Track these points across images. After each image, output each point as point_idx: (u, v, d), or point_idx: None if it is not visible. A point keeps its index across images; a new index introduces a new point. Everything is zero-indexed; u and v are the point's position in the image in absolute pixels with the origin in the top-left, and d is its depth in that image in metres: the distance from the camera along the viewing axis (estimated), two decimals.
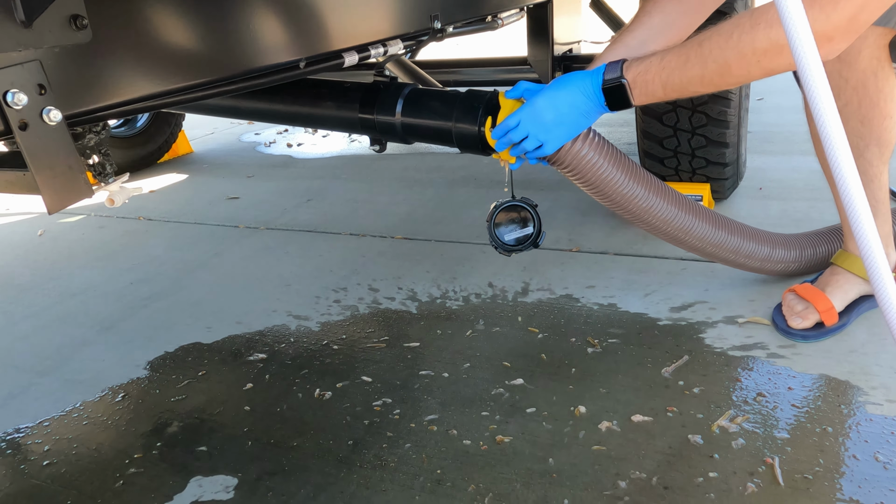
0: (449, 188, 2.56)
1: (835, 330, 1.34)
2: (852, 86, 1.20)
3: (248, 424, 1.29)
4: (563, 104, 1.11)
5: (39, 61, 0.59)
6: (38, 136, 0.59)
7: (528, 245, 1.34)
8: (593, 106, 1.12)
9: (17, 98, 0.56)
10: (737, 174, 2.03)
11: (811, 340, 1.34)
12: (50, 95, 0.60)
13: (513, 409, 1.25)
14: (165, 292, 1.91)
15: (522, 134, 1.14)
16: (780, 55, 0.92)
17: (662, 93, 1.06)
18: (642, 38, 1.19)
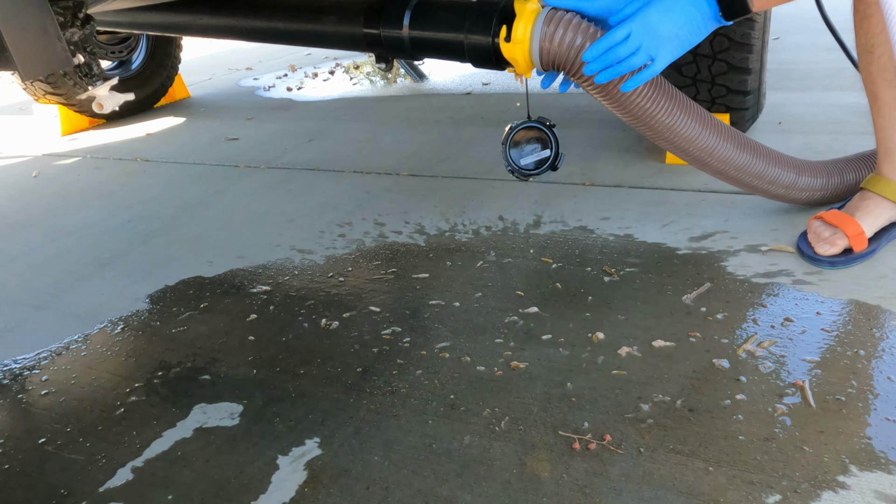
0: (455, 127, 2.48)
1: (864, 256, 1.28)
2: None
3: (253, 354, 1.24)
4: (679, 14, 1.03)
5: None
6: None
7: (546, 168, 1.27)
8: (708, 17, 1.04)
9: None
10: (757, 105, 1.95)
11: (839, 267, 1.27)
12: None
13: (527, 337, 1.20)
14: (164, 229, 1.85)
15: (633, 48, 1.03)
16: None
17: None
18: None
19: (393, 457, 0.96)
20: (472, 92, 2.95)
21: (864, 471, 0.84)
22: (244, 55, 4.94)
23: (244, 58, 4.78)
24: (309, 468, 0.96)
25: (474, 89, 2.99)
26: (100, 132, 2.97)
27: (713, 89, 1.80)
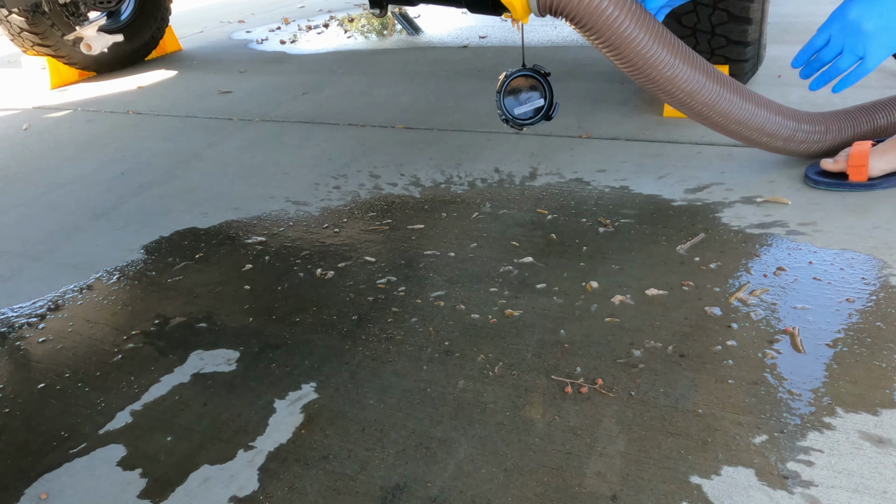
0: (451, 81, 2.44)
1: (858, 187, 1.33)
2: None
3: (249, 302, 1.25)
4: (884, 5, 0.99)
5: None
6: None
7: (541, 117, 1.26)
8: None
9: None
10: (757, 56, 1.92)
11: (822, 187, 1.36)
12: None
13: (522, 286, 1.20)
14: (158, 181, 1.84)
15: (835, 51, 1.02)
16: None
17: None
18: None
19: (388, 400, 0.97)
20: (469, 45, 2.91)
21: (850, 412, 0.86)
22: (236, 7, 4.83)
23: (236, 10, 4.68)
24: (305, 411, 0.97)
25: (471, 42, 2.94)
26: (90, 85, 2.92)
27: (713, 39, 1.77)
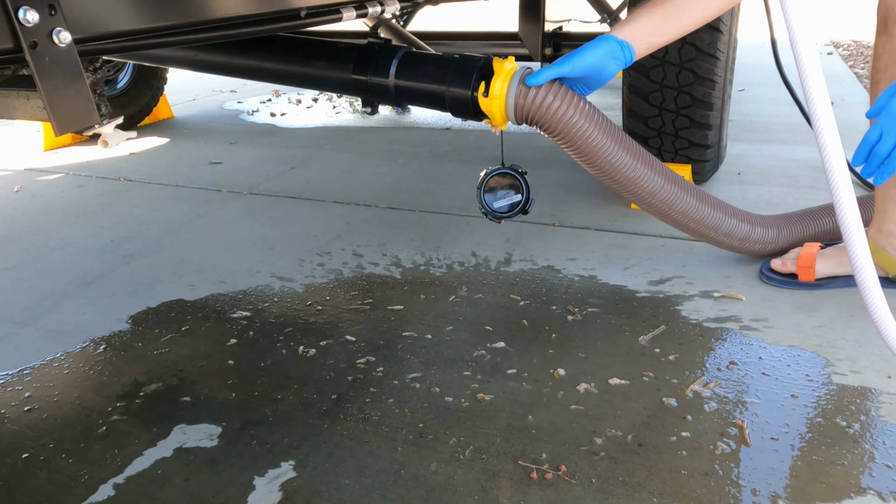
0: (434, 162, 2.57)
1: (804, 286, 1.45)
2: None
3: (232, 378, 1.30)
4: None
5: None
6: (47, 56, 0.59)
7: (518, 212, 1.36)
8: None
9: (28, 15, 0.57)
10: (717, 157, 2.08)
11: (781, 285, 1.48)
12: (59, 17, 0.60)
13: (494, 370, 1.28)
14: (147, 250, 1.90)
15: (891, 145, 0.99)
16: None
17: None
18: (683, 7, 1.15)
19: (364, 481, 1.02)
20: (452, 127, 3.06)
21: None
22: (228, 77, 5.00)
23: (228, 80, 4.85)
24: (284, 490, 1.02)
25: (454, 124, 3.10)
26: (83, 149, 3.00)
27: (676, 141, 1.92)
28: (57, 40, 0.59)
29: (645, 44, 1.15)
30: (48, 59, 0.59)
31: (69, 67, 0.61)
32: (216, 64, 1.52)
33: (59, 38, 0.59)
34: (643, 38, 1.14)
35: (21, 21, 0.56)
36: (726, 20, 1.79)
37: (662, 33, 1.16)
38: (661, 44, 1.18)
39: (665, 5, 1.15)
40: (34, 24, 0.57)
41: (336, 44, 1.40)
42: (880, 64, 1.29)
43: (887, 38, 1.26)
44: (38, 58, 0.58)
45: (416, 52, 1.36)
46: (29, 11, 0.56)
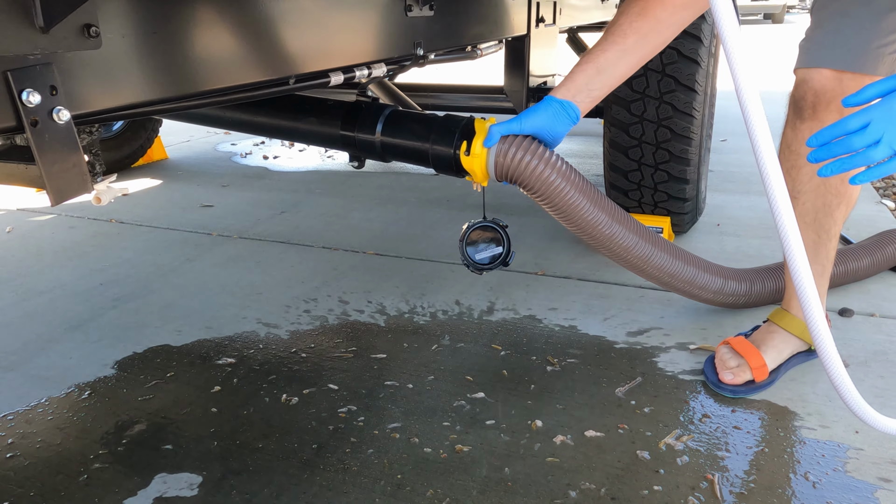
0: (422, 208, 2.63)
1: (764, 386, 1.36)
2: None
3: (215, 425, 1.32)
4: None
5: (53, 64, 0.64)
6: (46, 133, 0.63)
7: (498, 264, 1.40)
8: None
9: (31, 97, 0.61)
10: (696, 210, 2.14)
11: (739, 395, 1.35)
12: (60, 96, 0.64)
13: (473, 421, 1.30)
14: (135, 294, 1.92)
15: (871, 139, 0.88)
16: None
17: None
18: (614, 59, 1.21)
19: None
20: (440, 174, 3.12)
21: None
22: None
23: None
24: None
25: None
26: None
27: (655, 195, 1.98)
28: (57, 118, 0.64)
29: (586, 98, 1.20)
30: (47, 136, 0.63)
31: (67, 142, 0.65)
32: (209, 117, 1.57)
33: (59, 116, 0.64)
34: (583, 94, 1.19)
35: (24, 102, 0.61)
36: (701, 81, 1.87)
37: (599, 86, 1.20)
38: (601, 96, 1.22)
39: (597, 59, 1.20)
40: (36, 104, 0.62)
41: (325, 101, 1.45)
42: (805, 150, 1.22)
43: (816, 124, 1.22)
44: (38, 135, 0.62)
45: (402, 111, 1.41)
46: (32, 94, 0.61)
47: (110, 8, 0.70)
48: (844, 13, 1.20)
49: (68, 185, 0.66)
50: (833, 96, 1.20)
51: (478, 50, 1.80)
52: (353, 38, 1.17)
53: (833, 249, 1.36)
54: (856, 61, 1.17)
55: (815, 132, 1.14)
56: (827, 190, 1.28)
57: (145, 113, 0.86)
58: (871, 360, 1.46)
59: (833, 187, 1.28)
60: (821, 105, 1.22)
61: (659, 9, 1.18)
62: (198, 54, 0.82)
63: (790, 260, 0.93)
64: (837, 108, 1.20)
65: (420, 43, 1.35)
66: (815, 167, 1.24)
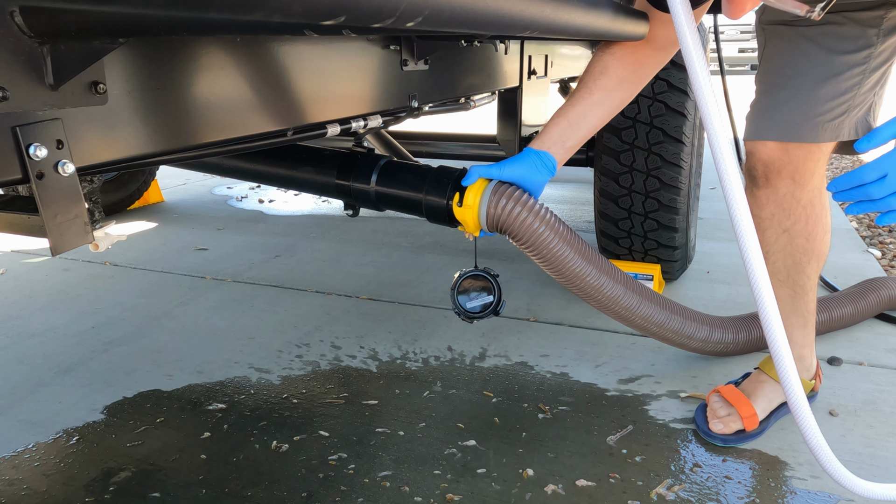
0: (416, 253, 2.65)
1: (755, 435, 1.36)
2: (803, 205, 1.28)
3: (204, 473, 1.31)
4: None
5: (61, 120, 0.66)
6: (51, 186, 0.65)
7: (489, 313, 1.41)
8: None
9: (38, 151, 0.63)
10: (686, 257, 2.17)
11: (730, 444, 1.35)
12: (66, 150, 0.67)
13: (464, 469, 1.29)
14: (127, 338, 1.92)
15: (891, 189, 0.91)
16: None
17: None
18: (583, 112, 1.26)
19: None
20: None
21: None
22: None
23: None
24: None
25: None
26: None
27: (645, 242, 2.01)
28: (61, 171, 0.66)
29: (561, 150, 1.24)
30: (52, 188, 0.65)
31: (70, 194, 0.67)
32: (208, 165, 1.60)
33: (64, 169, 0.66)
34: (558, 145, 1.24)
35: (31, 156, 0.63)
36: (689, 132, 1.92)
37: (572, 137, 1.25)
38: (575, 146, 1.26)
39: (568, 114, 1.25)
40: (42, 158, 0.64)
41: (321, 150, 1.49)
42: (765, 213, 1.31)
43: (771, 191, 1.29)
44: (42, 187, 0.64)
45: (397, 162, 1.45)
46: (39, 148, 0.63)
47: (116, 66, 0.73)
48: (782, 85, 1.24)
49: (70, 235, 0.68)
50: (781, 165, 1.25)
51: (471, 101, 1.85)
52: (350, 91, 1.21)
53: (812, 301, 1.38)
54: (797, 132, 1.22)
55: (771, 199, 1.29)
56: (794, 249, 1.32)
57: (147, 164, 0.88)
58: (860, 409, 1.46)
59: (799, 246, 1.31)
60: (772, 174, 1.27)
61: (619, 68, 1.23)
62: (199, 109, 0.85)
63: (764, 321, 0.96)
64: (788, 176, 1.26)
65: (415, 95, 1.39)
66: (780, 228, 1.31)
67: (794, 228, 1.30)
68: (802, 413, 0.96)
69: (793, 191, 1.27)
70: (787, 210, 1.29)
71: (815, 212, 1.29)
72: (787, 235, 1.32)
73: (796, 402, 0.97)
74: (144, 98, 0.77)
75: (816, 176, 1.27)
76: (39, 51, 0.62)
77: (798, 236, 1.31)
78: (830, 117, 1.21)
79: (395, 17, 0.29)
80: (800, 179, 1.26)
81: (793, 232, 1.31)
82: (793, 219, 1.29)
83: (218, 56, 0.87)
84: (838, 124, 1.22)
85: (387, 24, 0.29)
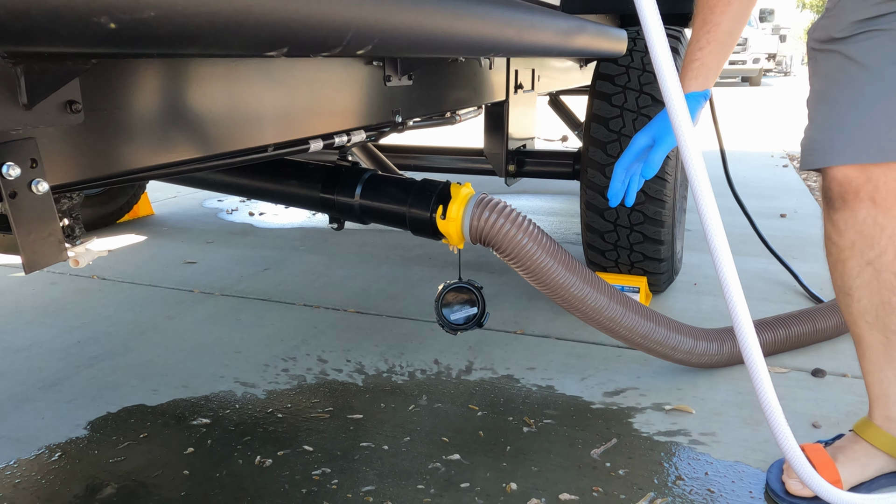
0: (404, 265, 2.65)
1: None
2: (888, 234, 1.08)
3: (186, 488, 1.30)
4: None
5: (35, 139, 0.67)
6: (24, 204, 0.65)
7: (473, 325, 1.42)
8: None
9: (11, 170, 0.64)
10: (672, 269, 2.18)
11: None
12: (40, 169, 0.67)
13: (447, 484, 1.29)
14: (113, 352, 1.91)
15: None
16: None
17: None
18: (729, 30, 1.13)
19: None
20: None
21: None
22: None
23: None
24: None
25: None
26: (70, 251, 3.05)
27: (632, 255, 2.02)
28: (35, 190, 0.66)
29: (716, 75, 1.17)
30: (25, 207, 0.65)
31: (44, 213, 0.68)
32: (192, 179, 1.60)
33: (38, 188, 0.66)
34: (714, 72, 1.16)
35: (4, 175, 0.63)
36: None
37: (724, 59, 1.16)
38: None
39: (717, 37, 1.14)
40: (16, 177, 0.64)
41: (306, 164, 1.49)
42: (845, 241, 1.12)
43: (850, 214, 1.10)
44: (15, 206, 0.64)
45: (381, 175, 1.46)
46: (12, 167, 0.63)
47: (92, 84, 0.73)
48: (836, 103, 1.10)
49: (43, 253, 0.68)
50: (859, 185, 1.08)
51: (456, 116, 1.86)
52: (332, 107, 1.22)
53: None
54: (863, 151, 1.07)
55: (850, 224, 1.10)
56: (882, 286, 1.11)
57: (125, 181, 0.89)
58: (842, 420, 1.47)
59: (888, 283, 1.10)
60: (849, 195, 1.09)
61: None
62: (177, 126, 0.86)
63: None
64: (868, 197, 1.08)
65: (398, 111, 1.40)
66: (863, 260, 1.11)
67: (880, 261, 1.10)
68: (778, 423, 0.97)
69: (874, 215, 1.08)
70: (870, 239, 1.09)
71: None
72: (871, 268, 1.11)
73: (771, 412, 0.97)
74: (120, 116, 0.78)
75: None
76: (13, 71, 0.62)
77: (885, 271, 1.10)
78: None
79: (342, 46, 0.30)
80: (882, 202, 1.07)
81: (878, 265, 1.10)
82: (877, 250, 1.09)
83: (195, 72, 0.88)
84: None
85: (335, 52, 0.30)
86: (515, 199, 3.86)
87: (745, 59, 16.52)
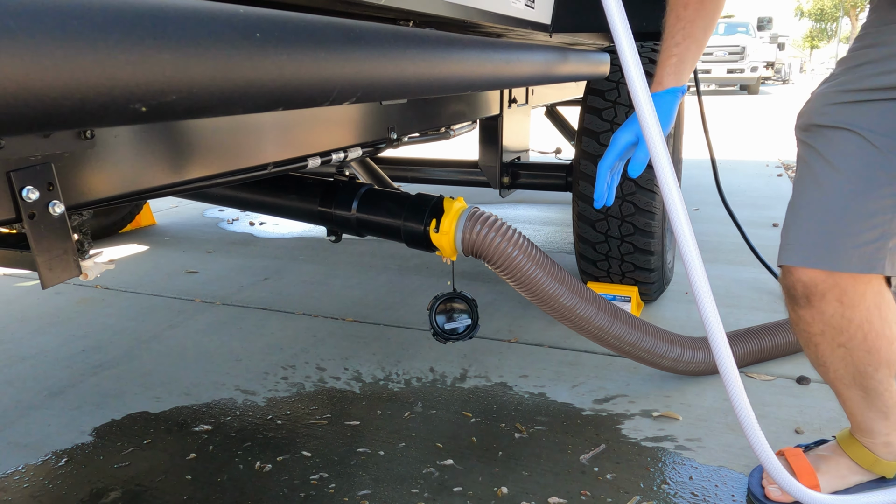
0: (402, 275, 2.70)
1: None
2: (856, 324, 1.07)
3: (188, 493, 1.35)
4: None
5: (51, 164, 0.72)
6: (42, 224, 0.71)
7: (464, 335, 1.47)
8: None
9: (30, 194, 0.69)
10: (663, 279, 2.23)
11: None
12: (56, 191, 0.72)
13: (441, 488, 1.34)
14: (117, 361, 1.96)
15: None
16: None
17: None
18: (704, 26, 1.15)
19: None
20: None
21: None
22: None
23: None
24: None
25: None
26: None
27: (622, 265, 2.07)
28: (52, 211, 0.71)
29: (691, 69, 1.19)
30: (42, 227, 0.71)
31: (60, 232, 0.73)
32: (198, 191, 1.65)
33: (54, 209, 0.71)
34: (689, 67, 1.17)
35: (24, 198, 0.68)
36: None
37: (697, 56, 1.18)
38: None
39: (693, 35, 1.15)
40: (34, 200, 0.69)
41: (304, 179, 1.55)
42: (814, 329, 1.11)
43: (816, 312, 1.08)
44: (34, 226, 0.69)
45: (377, 189, 1.51)
46: (32, 191, 0.69)
47: None
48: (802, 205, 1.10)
49: (59, 269, 0.73)
50: (826, 289, 1.06)
51: (451, 131, 1.92)
52: (330, 126, 1.27)
53: (891, 397, 1.15)
54: (823, 258, 1.04)
55: (816, 319, 1.10)
56: (856, 361, 1.11)
57: (134, 199, 0.94)
58: (825, 427, 1.52)
59: (860, 359, 1.11)
60: (814, 297, 1.07)
61: None
62: (184, 147, 0.91)
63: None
64: (835, 299, 1.06)
65: (394, 127, 1.45)
66: (834, 343, 1.10)
67: (851, 344, 1.09)
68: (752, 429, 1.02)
69: (842, 311, 1.06)
70: (839, 329, 1.08)
71: (875, 328, 1.08)
72: (843, 349, 1.11)
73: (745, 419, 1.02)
74: (131, 140, 0.83)
75: (869, 295, 1.06)
76: None
77: (857, 350, 1.09)
78: (861, 242, 1.02)
79: (330, 100, 0.35)
80: (849, 302, 1.05)
81: (850, 346, 1.10)
82: (847, 335, 1.09)
83: None
84: (872, 253, 1.02)
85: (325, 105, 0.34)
86: (511, 208, 3.92)
87: (744, 68, 16.58)
